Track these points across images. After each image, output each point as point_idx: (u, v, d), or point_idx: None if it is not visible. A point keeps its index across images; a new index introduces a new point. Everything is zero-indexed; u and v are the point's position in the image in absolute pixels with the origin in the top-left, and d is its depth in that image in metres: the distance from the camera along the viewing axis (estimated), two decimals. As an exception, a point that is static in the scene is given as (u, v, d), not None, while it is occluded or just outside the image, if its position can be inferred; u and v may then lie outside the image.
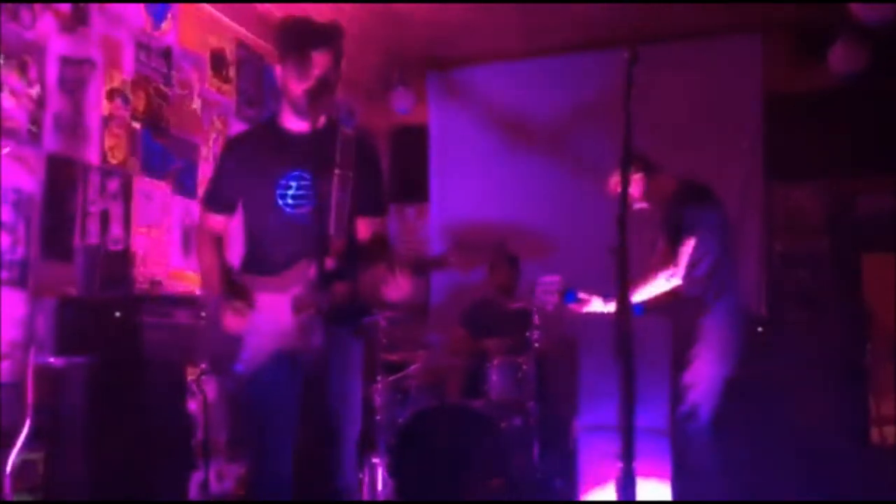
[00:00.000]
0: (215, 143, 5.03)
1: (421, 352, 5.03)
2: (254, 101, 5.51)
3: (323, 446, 2.58)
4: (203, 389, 4.12)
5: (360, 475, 4.46)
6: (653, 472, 3.55)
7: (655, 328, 3.73)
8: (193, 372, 4.00)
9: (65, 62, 3.98)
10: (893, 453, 4.91)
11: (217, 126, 5.13)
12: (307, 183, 2.58)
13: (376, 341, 4.71)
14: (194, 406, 4.19)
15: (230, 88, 5.29)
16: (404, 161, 6.69)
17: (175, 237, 4.72)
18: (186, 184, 4.83)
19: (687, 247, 3.76)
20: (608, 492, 3.60)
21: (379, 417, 4.64)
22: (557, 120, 6.15)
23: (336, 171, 2.56)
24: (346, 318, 2.60)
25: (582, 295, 4.01)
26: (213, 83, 5.13)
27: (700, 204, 3.87)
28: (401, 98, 6.46)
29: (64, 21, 3.99)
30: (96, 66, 4.18)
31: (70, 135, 4.01)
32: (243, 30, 5.39)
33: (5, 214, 3.64)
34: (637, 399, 2.00)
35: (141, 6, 4.50)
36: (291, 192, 2.58)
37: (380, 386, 4.68)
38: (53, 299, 3.64)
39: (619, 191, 2.24)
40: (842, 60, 5.37)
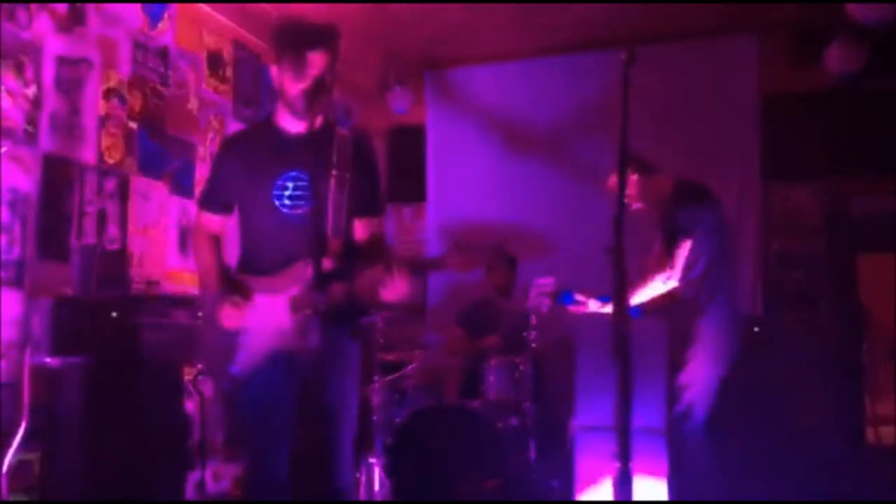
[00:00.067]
0: (212, 143, 5.02)
1: (418, 352, 5.03)
2: (251, 101, 5.51)
3: (320, 446, 2.58)
4: (200, 389, 4.11)
5: (357, 475, 4.46)
6: (649, 471, 3.57)
7: (652, 330, 3.74)
8: (190, 372, 3.99)
9: (61, 62, 3.98)
10: (889, 453, 4.92)
11: (214, 126, 5.13)
12: (304, 183, 2.57)
13: (373, 341, 4.71)
14: (191, 406, 4.19)
15: (227, 88, 5.29)
16: (401, 161, 6.69)
17: (172, 237, 4.72)
18: (183, 184, 4.82)
19: (683, 248, 3.76)
20: (605, 491, 3.61)
21: (376, 417, 4.64)
22: (555, 120, 6.14)
23: (333, 172, 2.56)
24: (344, 319, 2.60)
25: (579, 297, 4.01)
26: (210, 83, 5.13)
27: (696, 205, 3.86)
28: (398, 98, 6.45)
29: (60, 21, 3.98)
30: (93, 66, 4.18)
31: (66, 135, 4.01)
32: (240, 29, 5.39)
33: (2, 214, 3.64)
34: (633, 399, 2.01)
35: (137, 6, 4.49)
36: (288, 193, 2.57)
37: (377, 386, 4.68)
38: (50, 299, 3.64)
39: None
40: (839, 61, 5.37)
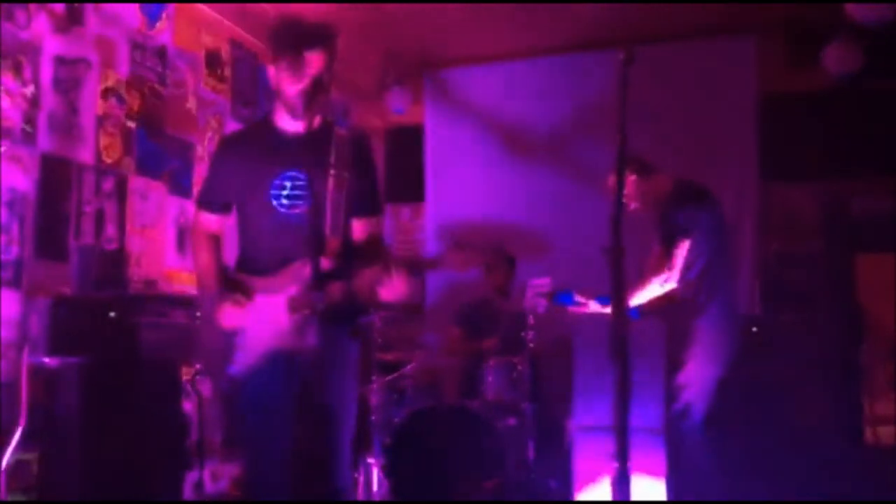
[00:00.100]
0: (210, 143, 5.02)
1: (416, 352, 5.04)
2: (249, 101, 5.51)
3: (318, 446, 2.58)
4: (198, 389, 4.11)
5: (356, 475, 4.46)
6: (647, 471, 3.57)
7: (650, 330, 3.74)
8: (188, 372, 3.99)
9: (59, 62, 3.98)
10: (888, 453, 4.93)
11: (212, 125, 5.12)
12: (302, 183, 2.57)
13: (372, 341, 4.71)
14: (189, 406, 4.19)
15: (225, 88, 5.29)
16: (400, 161, 6.69)
17: (170, 237, 4.71)
18: (182, 183, 4.82)
19: (681, 249, 3.76)
20: (603, 491, 3.61)
21: (374, 417, 4.64)
22: (554, 120, 6.14)
23: (331, 172, 2.56)
24: (342, 319, 2.60)
25: (579, 297, 4.00)
26: (209, 82, 5.13)
27: (694, 205, 3.86)
28: (396, 98, 6.45)
29: (58, 21, 3.98)
30: (91, 66, 4.17)
31: (65, 134, 4.00)
32: (238, 29, 5.39)
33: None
34: (631, 399, 2.01)
35: (136, 6, 4.49)
36: (286, 193, 2.57)
37: (375, 386, 4.68)
38: (48, 299, 3.63)
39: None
40: (837, 61, 5.37)
